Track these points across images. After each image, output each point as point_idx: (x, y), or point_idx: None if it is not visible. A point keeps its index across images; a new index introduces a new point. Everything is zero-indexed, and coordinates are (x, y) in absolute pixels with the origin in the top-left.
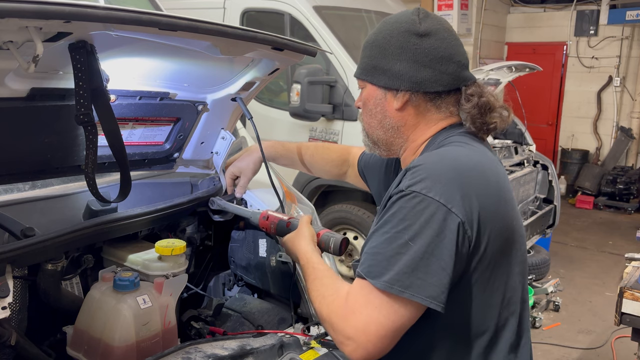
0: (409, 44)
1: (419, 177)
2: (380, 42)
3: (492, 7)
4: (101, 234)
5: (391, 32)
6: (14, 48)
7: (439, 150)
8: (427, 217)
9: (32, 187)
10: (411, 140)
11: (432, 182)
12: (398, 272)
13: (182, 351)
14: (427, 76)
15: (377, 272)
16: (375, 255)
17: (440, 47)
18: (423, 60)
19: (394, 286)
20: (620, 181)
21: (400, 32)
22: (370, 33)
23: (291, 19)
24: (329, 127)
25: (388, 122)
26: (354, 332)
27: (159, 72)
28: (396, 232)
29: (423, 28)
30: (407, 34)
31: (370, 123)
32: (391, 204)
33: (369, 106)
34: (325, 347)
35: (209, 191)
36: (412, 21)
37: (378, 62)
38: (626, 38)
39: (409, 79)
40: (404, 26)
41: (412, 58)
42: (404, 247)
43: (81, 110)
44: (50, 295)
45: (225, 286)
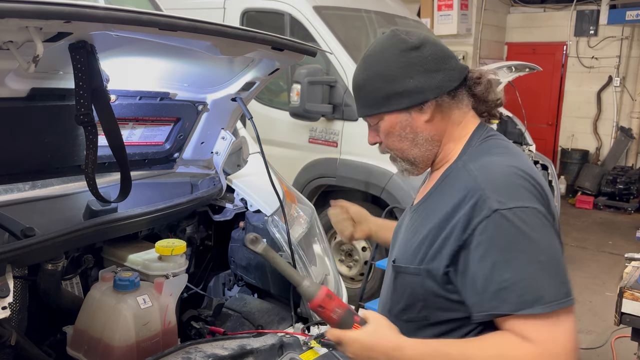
0: (412, 59)
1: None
2: (381, 72)
3: (492, 7)
4: (101, 234)
5: (387, 59)
6: (14, 48)
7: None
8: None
9: (32, 187)
10: (444, 143)
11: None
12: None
13: (182, 351)
14: (441, 78)
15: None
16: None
17: (437, 50)
18: (432, 67)
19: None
20: (620, 181)
21: (397, 54)
22: (357, 74)
23: (291, 19)
24: (329, 127)
25: (421, 137)
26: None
27: (159, 72)
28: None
29: (414, 41)
30: (405, 52)
31: (402, 147)
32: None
33: (395, 133)
34: (325, 347)
35: (209, 191)
36: (402, 40)
37: (390, 90)
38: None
39: (429, 88)
40: (397, 48)
41: (422, 69)
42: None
43: (81, 110)
44: (51, 295)
45: (225, 286)
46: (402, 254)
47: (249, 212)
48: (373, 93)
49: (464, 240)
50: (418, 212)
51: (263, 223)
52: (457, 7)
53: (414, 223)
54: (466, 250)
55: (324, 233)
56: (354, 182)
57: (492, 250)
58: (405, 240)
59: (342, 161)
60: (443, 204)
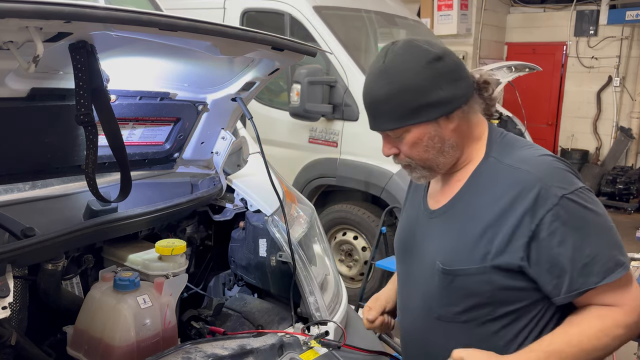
0: (439, 70)
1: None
2: (409, 84)
3: (492, 7)
4: (101, 234)
5: (413, 70)
6: (14, 48)
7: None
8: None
9: (32, 187)
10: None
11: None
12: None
13: (182, 351)
14: (464, 85)
15: (613, 265)
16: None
17: (455, 58)
18: (456, 76)
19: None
20: (620, 181)
21: (424, 65)
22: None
23: (291, 19)
24: (329, 127)
25: (448, 145)
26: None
27: (159, 72)
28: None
29: (437, 51)
30: (431, 64)
31: (427, 157)
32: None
33: (422, 144)
34: (325, 347)
35: (209, 191)
36: (425, 51)
37: (419, 102)
38: (626, 38)
39: (457, 97)
40: (422, 59)
41: (449, 79)
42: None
43: (81, 110)
44: (51, 295)
45: (225, 286)
46: (452, 258)
47: (249, 212)
48: (399, 106)
49: (532, 231)
50: (449, 214)
51: (263, 223)
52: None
53: (450, 226)
54: (536, 240)
55: (324, 233)
56: (354, 182)
57: (569, 233)
58: (449, 243)
59: (342, 161)
60: (490, 201)
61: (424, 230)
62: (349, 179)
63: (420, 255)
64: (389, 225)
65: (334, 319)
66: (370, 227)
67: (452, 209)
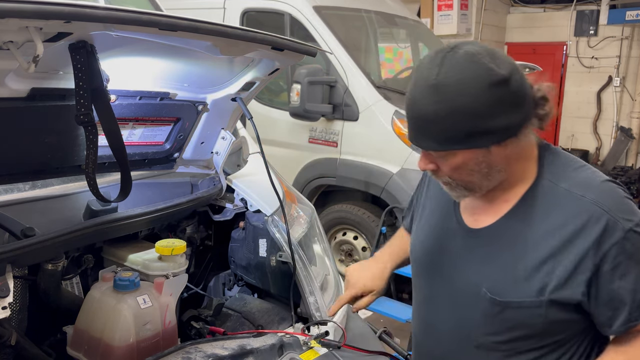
0: (501, 95)
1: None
2: (465, 107)
3: (492, 7)
4: (101, 234)
5: (472, 93)
6: (14, 48)
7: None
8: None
9: (32, 187)
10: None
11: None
12: None
13: (182, 351)
14: (526, 110)
15: None
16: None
17: (522, 80)
18: (519, 100)
19: None
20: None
21: (485, 89)
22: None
23: (291, 19)
24: (329, 127)
25: (495, 170)
26: None
27: (159, 72)
28: None
29: (504, 73)
30: (494, 87)
31: (471, 179)
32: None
33: (466, 168)
34: (325, 347)
35: (209, 191)
36: (489, 71)
37: (473, 128)
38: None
39: (516, 124)
40: (484, 81)
41: (510, 105)
42: None
43: (81, 111)
44: (51, 295)
45: (225, 286)
46: (503, 288)
47: (249, 212)
48: (449, 129)
49: (596, 265)
50: (496, 237)
51: (263, 223)
52: (457, 7)
53: (498, 251)
54: (598, 273)
55: (324, 233)
56: (354, 182)
57: (632, 266)
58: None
59: (342, 161)
60: (549, 229)
61: (459, 249)
62: (349, 179)
63: (453, 275)
64: (389, 225)
65: (334, 319)
66: (370, 227)
67: (500, 232)
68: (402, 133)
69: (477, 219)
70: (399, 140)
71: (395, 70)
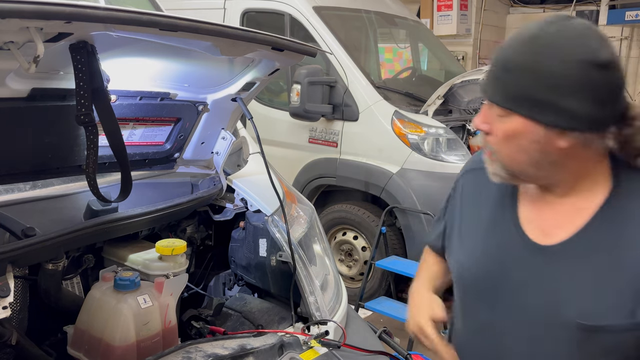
0: (590, 77)
1: None
2: (545, 71)
3: (491, 8)
4: (102, 234)
5: (562, 59)
6: (15, 48)
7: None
8: None
9: (32, 187)
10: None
11: None
12: None
13: (183, 351)
14: (607, 114)
15: None
16: None
17: (619, 77)
18: (605, 97)
19: None
20: None
21: (577, 63)
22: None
23: (291, 20)
24: (329, 127)
25: (546, 160)
26: None
27: (160, 73)
28: None
29: (604, 57)
30: (587, 66)
31: (517, 158)
32: None
33: (517, 142)
34: (325, 346)
35: (210, 191)
36: (591, 50)
37: (544, 96)
38: (625, 38)
39: (587, 118)
40: (581, 55)
41: (592, 96)
42: None
43: (82, 111)
44: (51, 295)
45: (225, 286)
46: (592, 311)
47: (249, 212)
48: (522, 87)
49: None
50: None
51: (263, 223)
52: (456, 7)
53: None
54: None
55: (324, 233)
56: (354, 182)
57: None
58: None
59: (342, 161)
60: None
61: (528, 269)
62: (348, 179)
63: (524, 300)
64: (389, 225)
65: (334, 319)
66: (370, 227)
67: (582, 247)
68: (402, 133)
69: (546, 232)
70: (399, 140)
71: (395, 71)
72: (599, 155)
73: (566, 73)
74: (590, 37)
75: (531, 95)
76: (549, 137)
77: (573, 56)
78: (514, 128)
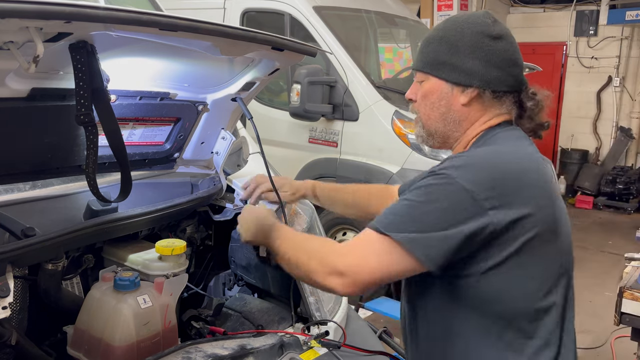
0: (483, 44)
1: (454, 163)
2: (451, 39)
3: (491, 8)
4: (101, 234)
5: (463, 30)
6: (15, 48)
7: (481, 147)
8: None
9: (32, 187)
10: (467, 134)
11: (464, 170)
12: (405, 229)
13: (183, 351)
14: (496, 76)
15: (385, 224)
16: (389, 215)
17: (509, 50)
18: (495, 61)
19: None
20: (619, 181)
21: (474, 33)
22: (434, 29)
23: (291, 19)
24: (329, 127)
25: (451, 116)
26: (347, 268)
27: (159, 72)
28: (417, 201)
29: (496, 31)
30: (481, 35)
31: (430, 115)
32: (422, 179)
33: (431, 99)
34: (325, 347)
35: (210, 191)
36: (485, 24)
37: (448, 58)
38: (626, 38)
39: (480, 77)
40: (478, 27)
41: (484, 58)
42: (419, 214)
43: (82, 111)
44: (51, 295)
45: (225, 286)
46: None
47: None
48: (434, 53)
49: None
50: None
51: None
52: (457, 7)
53: None
54: None
55: (324, 233)
56: (354, 182)
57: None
58: None
59: (342, 161)
60: None
61: None
62: (348, 179)
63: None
64: None
65: (334, 319)
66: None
67: None
68: (402, 133)
69: None
70: (399, 140)
71: (395, 70)
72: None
73: (465, 39)
74: (485, 18)
75: (439, 59)
76: (453, 94)
77: (471, 27)
78: (428, 87)
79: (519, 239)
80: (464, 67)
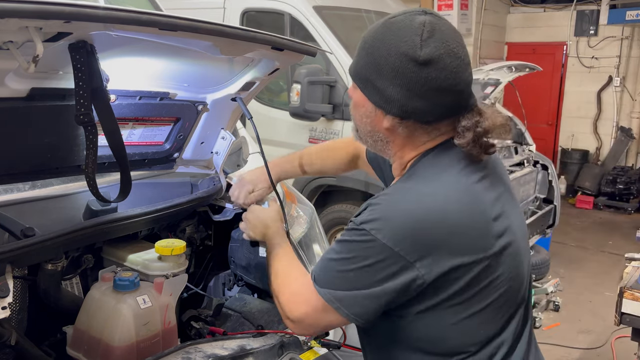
0: (406, 70)
1: (372, 216)
2: (377, 55)
3: (492, 7)
4: (101, 234)
5: (390, 48)
6: (14, 48)
7: (405, 185)
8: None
9: (32, 187)
10: (398, 156)
11: (383, 225)
12: (333, 285)
13: (182, 351)
14: (419, 107)
15: (322, 280)
16: (326, 266)
17: (438, 78)
18: (417, 91)
19: (325, 290)
20: (620, 181)
21: (399, 54)
22: (371, 31)
23: (291, 19)
24: (328, 127)
25: (378, 136)
26: (296, 318)
27: (159, 72)
28: (341, 258)
29: (423, 55)
30: (405, 58)
31: (360, 126)
32: (347, 231)
33: (360, 111)
34: (325, 347)
35: (209, 191)
36: (413, 43)
37: (372, 78)
38: (626, 38)
39: (399, 106)
40: (404, 47)
41: (405, 85)
42: (345, 271)
43: (81, 110)
44: (50, 295)
45: (225, 286)
46: None
47: None
48: (363, 65)
49: None
50: None
51: None
52: (457, 7)
53: None
54: None
55: (324, 233)
56: (354, 182)
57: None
58: None
59: None
60: None
61: None
62: (348, 179)
63: None
64: None
65: None
66: None
67: None
68: None
69: None
70: None
71: None
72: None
73: (389, 59)
74: (417, 34)
75: (366, 75)
76: (376, 114)
77: (398, 47)
78: (356, 99)
79: (452, 286)
80: (385, 92)
